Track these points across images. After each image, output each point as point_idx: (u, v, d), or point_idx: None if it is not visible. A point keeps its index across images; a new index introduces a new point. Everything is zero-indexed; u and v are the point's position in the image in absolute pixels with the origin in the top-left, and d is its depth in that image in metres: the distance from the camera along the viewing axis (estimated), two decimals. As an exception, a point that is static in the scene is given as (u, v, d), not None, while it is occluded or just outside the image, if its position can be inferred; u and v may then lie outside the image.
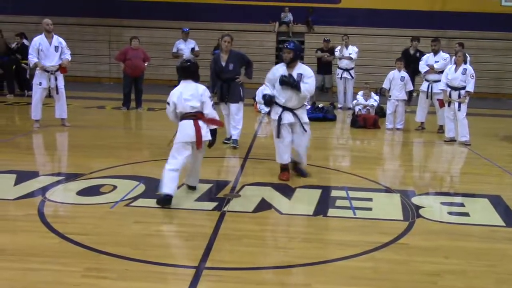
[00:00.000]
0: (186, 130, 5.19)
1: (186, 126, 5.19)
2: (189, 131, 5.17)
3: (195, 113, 5.22)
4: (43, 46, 9.02)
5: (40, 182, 5.86)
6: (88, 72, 18.77)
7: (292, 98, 6.08)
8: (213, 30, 17.57)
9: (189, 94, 5.23)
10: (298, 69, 6.12)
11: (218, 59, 7.71)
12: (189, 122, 5.19)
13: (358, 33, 17.91)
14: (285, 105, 6.11)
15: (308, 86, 6.07)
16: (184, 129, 5.20)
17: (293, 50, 6.06)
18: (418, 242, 4.42)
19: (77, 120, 9.95)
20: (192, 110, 5.22)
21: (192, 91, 5.25)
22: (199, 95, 5.25)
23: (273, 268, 3.88)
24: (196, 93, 5.24)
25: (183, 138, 5.20)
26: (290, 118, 6.14)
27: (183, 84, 5.35)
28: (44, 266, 3.71)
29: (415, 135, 10.10)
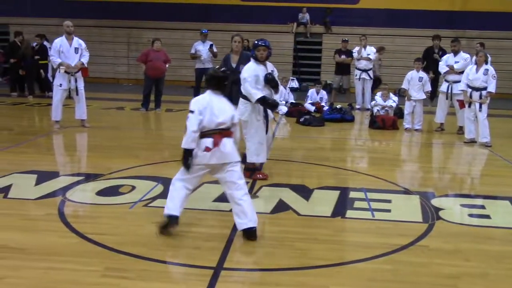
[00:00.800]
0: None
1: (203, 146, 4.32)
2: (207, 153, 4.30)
3: (219, 130, 4.35)
4: (64, 47, 9.13)
5: (60, 182, 5.93)
6: (107, 74, 18.95)
7: (271, 96, 6.19)
8: (231, 31, 17.55)
9: (217, 109, 4.36)
10: (269, 67, 6.25)
11: (229, 60, 7.61)
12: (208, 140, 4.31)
13: (377, 34, 17.80)
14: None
15: (282, 89, 6.33)
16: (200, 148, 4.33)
17: (268, 47, 6.12)
18: (438, 245, 4.37)
19: (96, 121, 10.05)
20: (216, 127, 4.34)
21: (222, 106, 4.41)
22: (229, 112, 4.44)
23: (291, 270, 3.86)
24: (225, 109, 4.42)
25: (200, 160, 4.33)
26: (271, 114, 6.37)
27: (212, 95, 4.44)
28: (64, 266, 3.75)
29: (435, 136, 10.00)
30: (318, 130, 10.32)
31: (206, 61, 12.98)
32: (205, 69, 13.00)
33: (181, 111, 12.35)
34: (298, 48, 19.33)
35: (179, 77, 17.78)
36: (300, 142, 9.31)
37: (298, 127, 10.54)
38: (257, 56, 6.12)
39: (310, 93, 12.92)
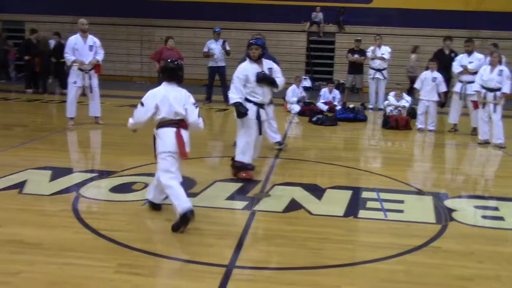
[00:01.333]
0: (169, 139, 4.59)
1: (168, 135, 4.61)
2: (173, 140, 4.59)
3: (177, 121, 4.64)
4: (78, 45, 9.20)
5: (75, 178, 5.99)
6: (120, 71, 19.07)
7: (267, 94, 6.20)
8: (244, 30, 17.63)
9: (173, 98, 4.62)
10: (266, 65, 6.21)
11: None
12: (171, 130, 4.61)
13: (390, 33, 17.72)
14: (261, 102, 6.18)
15: (281, 79, 6.26)
16: (167, 137, 4.61)
17: (261, 46, 6.12)
18: (451, 246, 4.35)
19: (110, 118, 10.11)
20: (175, 117, 4.62)
21: (177, 96, 4.67)
22: (184, 100, 4.68)
23: (303, 269, 3.87)
24: (181, 98, 4.67)
25: (168, 147, 4.60)
26: (264, 115, 6.27)
27: (166, 86, 4.71)
28: (78, 261, 3.79)
29: (448, 137, 9.93)
30: (330, 129, 10.30)
31: (219, 59, 13.00)
32: (218, 67, 13.06)
33: (194, 109, 12.39)
34: (311, 47, 19.31)
35: (192, 75, 17.81)
36: (313, 141, 9.31)
37: (310, 126, 10.53)
38: (249, 55, 6.15)
39: (323, 93, 12.90)
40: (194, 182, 5.90)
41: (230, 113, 11.83)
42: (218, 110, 12.37)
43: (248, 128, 6.12)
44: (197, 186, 5.75)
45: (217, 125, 11.22)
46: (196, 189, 5.64)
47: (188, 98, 4.73)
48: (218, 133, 10.32)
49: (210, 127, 10.88)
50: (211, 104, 13.04)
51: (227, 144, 8.67)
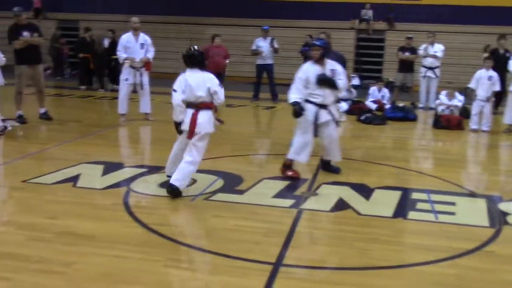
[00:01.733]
0: (187, 119, 5.29)
1: (187, 116, 5.30)
2: (187, 120, 5.28)
3: (198, 103, 5.27)
4: (130, 43, 9.42)
5: (125, 173, 6.14)
6: (170, 69, 19.36)
7: (328, 96, 6.08)
8: (292, 28, 17.59)
9: (194, 83, 5.26)
10: (329, 66, 6.10)
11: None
12: (190, 111, 5.28)
13: (441, 30, 17.19)
14: (322, 103, 6.07)
15: (343, 82, 6.12)
16: (187, 118, 5.30)
17: (322, 47, 6.04)
18: (505, 251, 4.20)
19: (160, 114, 10.28)
20: (196, 100, 5.26)
21: (199, 80, 5.29)
22: (209, 83, 5.29)
23: (351, 269, 3.82)
24: (203, 82, 5.28)
25: (185, 127, 5.33)
26: (326, 116, 6.12)
27: (189, 72, 5.38)
28: (129, 254, 3.89)
29: (502, 138, 9.58)
30: (379, 128, 10.13)
31: (267, 57, 13.01)
32: (266, 65, 13.07)
33: (242, 107, 12.47)
34: (360, 45, 19.04)
35: (239, 73, 17.93)
36: (361, 140, 9.18)
37: (358, 125, 10.39)
38: (311, 56, 6.14)
39: (372, 91, 12.70)
40: (241, 179, 5.93)
41: (277, 111, 11.86)
42: (265, 108, 12.39)
43: (304, 128, 6.12)
44: (244, 183, 5.78)
45: (264, 123, 11.24)
46: (243, 187, 5.67)
47: (211, 80, 5.31)
48: (265, 130, 10.34)
49: (257, 125, 10.93)
50: (258, 101, 13.07)
51: (274, 141, 8.69)
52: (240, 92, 14.79)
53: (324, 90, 6.03)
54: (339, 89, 6.12)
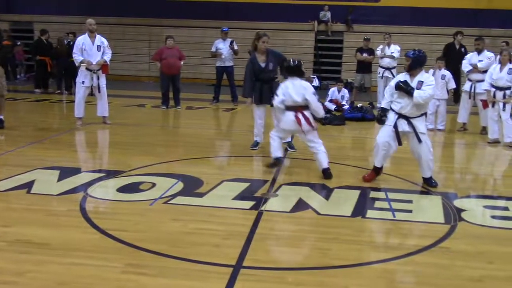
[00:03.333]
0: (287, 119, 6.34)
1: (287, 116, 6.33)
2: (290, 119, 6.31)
3: (296, 106, 6.24)
4: (86, 45, 9.23)
5: (82, 178, 6.00)
6: (128, 71, 19.13)
7: (408, 106, 5.97)
8: (252, 29, 17.55)
9: (292, 89, 6.24)
10: (420, 77, 6.01)
11: (256, 60, 7.55)
12: (290, 113, 6.29)
13: (399, 32, 17.61)
14: (400, 112, 6.04)
15: (423, 92, 5.86)
16: (286, 118, 6.34)
17: (411, 57, 6.00)
18: (460, 246, 4.31)
19: (118, 118, 10.14)
20: (294, 104, 6.22)
21: (297, 87, 6.26)
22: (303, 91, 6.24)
23: (310, 269, 3.84)
24: (300, 89, 6.24)
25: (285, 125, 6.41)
26: (404, 126, 6.04)
27: (289, 80, 6.36)
28: (86, 261, 3.79)
29: (457, 136, 9.86)
30: (338, 129, 10.26)
31: (227, 59, 12.99)
32: (226, 67, 13.04)
33: (202, 109, 12.41)
34: (319, 47, 19.26)
35: (199, 75, 17.86)
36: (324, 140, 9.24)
37: (318, 126, 10.45)
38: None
39: (331, 92, 12.85)
40: (201, 182, 5.89)
41: (237, 112, 11.85)
42: (225, 110, 12.36)
43: (381, 131, 6.29)
44: (204, 186, 5.74)
45: (225, 125, 11.21)
46: (203, 189, 5.64)
47: (306, 89, 6.25)
48: (226, 132, 10.31)
49: (217, 127, 10.89)
50: (218, 103, 13.04)
51: (234, 143, 8.68)
52: (200, 94, 14.74)
53: (402, 99, 5.99)
54: (413, 97, 5.90)
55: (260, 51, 7.48)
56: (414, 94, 5.85)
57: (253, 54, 7.59)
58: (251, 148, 7.75)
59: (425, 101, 5.94)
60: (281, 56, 7.69)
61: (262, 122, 7.75)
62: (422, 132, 6.04)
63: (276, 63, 7.58)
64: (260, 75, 7.54)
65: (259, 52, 7.48)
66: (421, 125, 6.05)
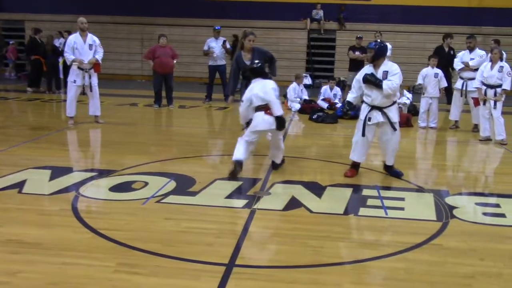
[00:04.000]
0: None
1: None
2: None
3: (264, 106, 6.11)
4: (78, 44, 9.19)
5: (74, 177, 5.97)
6: (121, 70, 19.08)
7: (378, 97, 6.18)
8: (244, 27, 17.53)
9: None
10: (384, 67, 6.22)
11: (241, 58, 7.57)
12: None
13: (391, 30, 17.69)
14: (372, 104, 6.23)
15: (390, 83, 6.07)
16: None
17: (374, 49, 6.20)
18: (452, 243, 4.33)
19: (110, 117, 10.11)
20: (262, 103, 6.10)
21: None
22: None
23: (303, 267, 3.85)
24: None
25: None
26: (378, 117, 6.26)
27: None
28: (77, 261, 3.78)
29: (449, 134, 9.91)
30: (331, 127, 10.28)
31: (219, 57, 12.98)
32: (218, 66, 13.02)
33: (194, 108, 12.39)
34: (312, 45, 19.28)
35: (192, 73, 17.83)
36: (313, 139, 9.28)
37: (311, 124, 10.51)
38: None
39: (324, 90, 12.86)
40: (194, 181, 5.88)
41: (230, 111, 11.83)
42: (218, 109, 12.35)
43: (357, 127, 6.44)
44: (197, 185, 5.73)
45: (217, 124, 11.20)
46: (196, 188, 5.63)
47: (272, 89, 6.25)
48: (218, 131, 10.30)
49: (210, 126, 10.88)
50: (211, 102, 13.02)
51: (226, 142, 8.66)
52: (192, 93, 14.73)
53: (372, 91, 6.19)
54: (383, 89, 6.10)
55: (246, 49, 7.51)
56: (383, 86, 6.07)
57: (238, 52, 7.60)
58: None
59: (393, 91, 6.15)
60: (266, 53, 7.72)
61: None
62: (395, 122, 6.36)
63: (262, 61, 7.59)
64: (246, 73, 7.56)
65: (245, 50, 7.52)
66: (394, 114, 6.34)
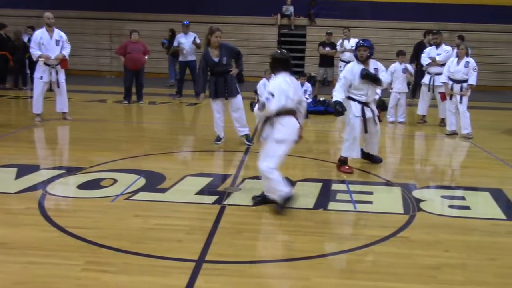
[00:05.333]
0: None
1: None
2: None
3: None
4: (44, 39, 9.02)
5: (41, 175, 5.87)
6: (89, 66, 18.77)
7: (371, 93, 6.42)
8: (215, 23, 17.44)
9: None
10: (373, 65, 6.44)
11: (209, 55, 7.55)
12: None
13: (360, 26, 17.86)
14: (367, 101, 6.43)
15: (384, 78, 6.54)
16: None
17: (369, 47, 6.32)
18: (418, 236, 4.41)
19: (78, 114, 9.96)
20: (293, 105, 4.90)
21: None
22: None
23: (273, 262, 3.88)
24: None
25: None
26: (369, 113, 6.47)
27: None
28: (44, 260, 3.72)
29: (417, 128, 10.08)
30: (301, 122, 10.31)
31: (189, 53, 12.90)
32: (188, 62, 12.94)
33: (165, 104, 12.30)
34: (282, 41, 19.32)
35: (162, 69, 17.66)
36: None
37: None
38: (357, 56, 6.39)
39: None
40: (163, 177, 5.85)
41: (201, 107, 11.79)
42: (188, 105, 12.28)
43: (353, 126, 6.41)
44: (167, 182, 5.70)
45: (188, 120, 11.14)
46: (166, 185, 5.59)
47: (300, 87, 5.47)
48: (189, 127, 10.25)
49: (180, 122, 10.81)
50: (181, 98, 12.94)
51: (197, 138, 8.64)
52: (163, 89, 14.61)
53: (366, 88, 6.36)
54: (382, 84, 6.49)
55: (213, 46, 7.49)
56: (382, 80, 6.41)
57: (206, 49, 7.58)
58: (214, 143, 7.73)
59: (387, 86, 6.56)
60: (233, 49, 7.72)
61: (220, 116, 7.74)
62: (378, 115, 6.78)
63: (229, 57, 7.62)
64: (214, 69, 7.56)
65: (212, 46, 7.50)
66: (375, 108, 6.66)
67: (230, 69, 7.65)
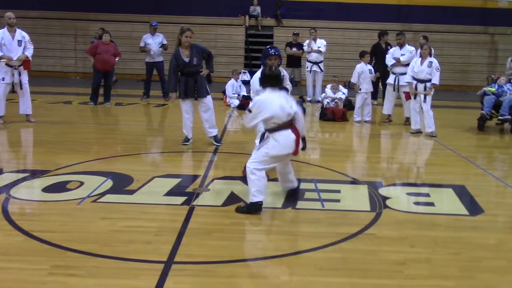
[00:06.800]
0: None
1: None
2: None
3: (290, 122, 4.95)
4: (6, 40, 8.83)
5: (4, 179, 5.73)
6: (53, 67, 18.42)
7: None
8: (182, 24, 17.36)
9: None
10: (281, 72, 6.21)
11: (179, 55, 7.51)
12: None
13: (327, 27, 18.05)
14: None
15: (290, 86, 6.60)
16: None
17: (279, 56, 6.18)
18: (385, 232, 4.50)
19: (42, 116, 9.76)
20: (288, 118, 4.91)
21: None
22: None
23: (242, 261, 3.89)
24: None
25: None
26: None
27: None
28: (8, 265, 3.64)
29: (383, 127, 10.25)
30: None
31: (156, 54, 12.80)
32: (155, 63, 12.83)
33: (132, 105, 12.17)
34: (250, 41, 19.36)
35: (129, 70, 17.49)
36: (252, 135, 9.31)
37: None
38: (267, 65, 6.12)
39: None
40: (131, 179, 5.79)
41: (168, 108, 11.71)
42: (156, 106, 12.18)
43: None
44: (135, 183, 5.65)
45: (156, 121, 11.05)
46: (133, 186, 5.54)
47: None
48: (157, 128, 10.17)
49: (148, 123, 10.72)
50: (149, 99, 12.83)
51: (165, 139, 8.58)
52: (130, 90, 14.45)
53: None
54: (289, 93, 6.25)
55: (183, 46, 7.45)
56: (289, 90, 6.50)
57: (176, 49, 7.54)
58: (183, 144, 7.69)
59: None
60: (205, 50, 7.71)
61: (189, 117, 7.70)
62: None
63: (200, 58, 7.60)
64: (184, 69, 7.53)
65: (183, 47, 7.46)
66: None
67: (200, 69, 7.62)
